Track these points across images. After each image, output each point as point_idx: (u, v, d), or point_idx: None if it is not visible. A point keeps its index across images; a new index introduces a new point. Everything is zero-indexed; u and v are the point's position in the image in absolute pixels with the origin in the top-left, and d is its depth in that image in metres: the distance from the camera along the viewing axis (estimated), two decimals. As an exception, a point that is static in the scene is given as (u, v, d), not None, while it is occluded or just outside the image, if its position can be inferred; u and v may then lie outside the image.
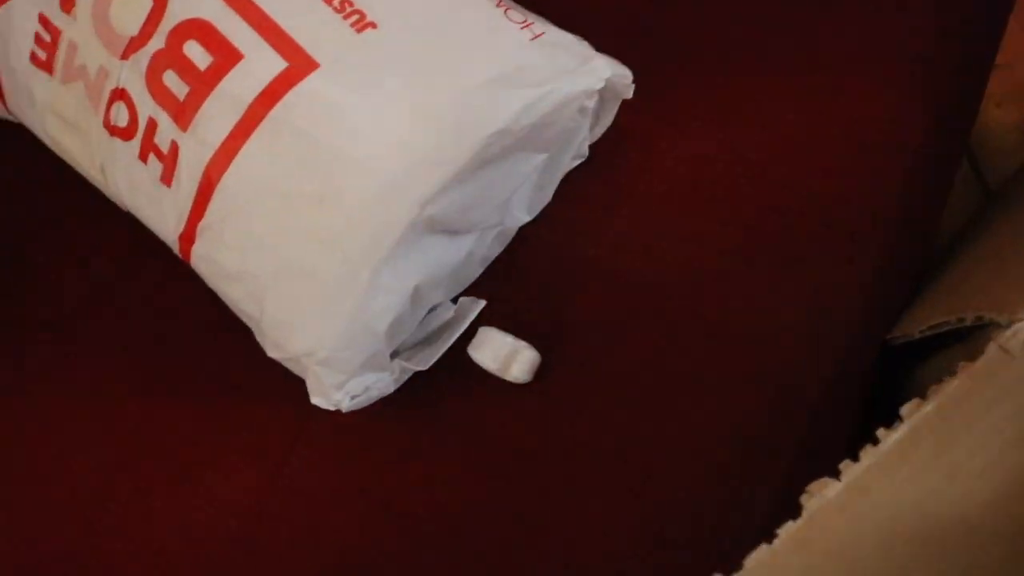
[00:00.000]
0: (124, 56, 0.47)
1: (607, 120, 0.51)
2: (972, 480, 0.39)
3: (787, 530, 0.39)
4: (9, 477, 0.57)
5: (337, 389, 0.47)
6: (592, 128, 0.51)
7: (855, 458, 0.39)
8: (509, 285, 0.52)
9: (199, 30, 0.45)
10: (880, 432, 0.39)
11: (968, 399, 0.39)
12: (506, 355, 0.49)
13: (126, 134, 0.48)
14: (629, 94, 0.48)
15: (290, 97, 0.44)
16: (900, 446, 0.39)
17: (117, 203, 0.53)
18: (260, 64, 0.45)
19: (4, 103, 0.54)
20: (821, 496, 0.39)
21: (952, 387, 0.39)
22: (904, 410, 0.39)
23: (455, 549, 0.49)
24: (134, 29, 0.47)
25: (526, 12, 0.48)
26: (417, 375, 0.50)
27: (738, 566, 0.38)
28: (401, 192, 0.44)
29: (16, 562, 0.55)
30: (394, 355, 0.50)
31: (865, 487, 0.39)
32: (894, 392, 0.53)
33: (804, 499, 0.39)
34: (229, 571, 0.52)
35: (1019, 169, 0.69)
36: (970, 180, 0.70)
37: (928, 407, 0.39)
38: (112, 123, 0.48)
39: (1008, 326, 0.40)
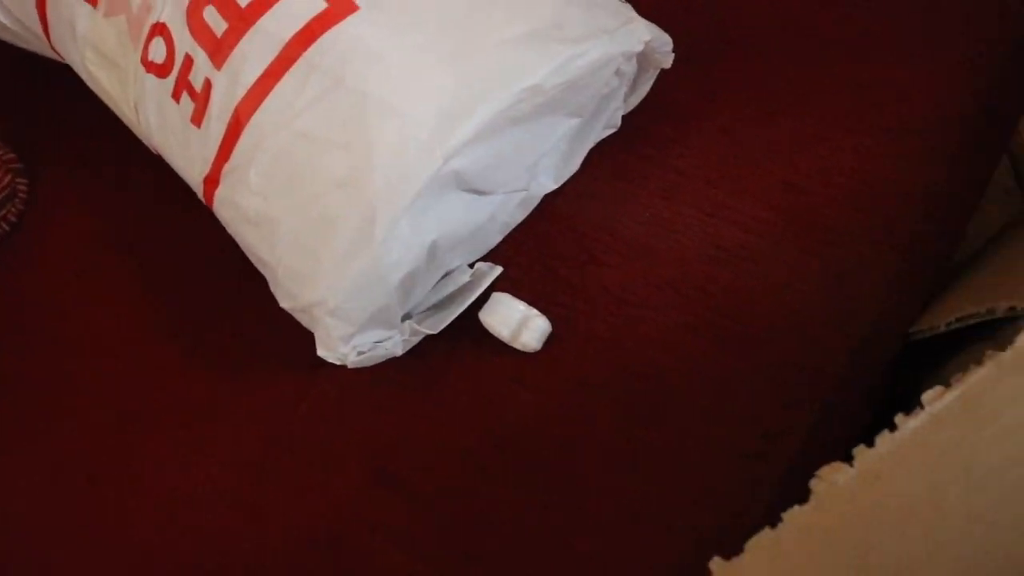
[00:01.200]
0: (167, -12, 0.47)
1: (643, 91, 0.50)
2: (990, 474, 0.38)
3: (792, 514, 0.37)
4: (23, 413, 0.57)
5: (344, 342, 0.47)
6: (627, 98, 0.50)
7: (870, 444, 0.38)
8: (527, 253, 0.51)
9: (243, -34, 0.45)
10: (898, 418, 0.38)
11: (994, 389, 0.37)
12: (517, 322, 0.49)
13: (162, 71, 0.48)
14: (668, 63, 0.48)
15: (326, 38, 0.44)
16: (918, 434, 0.37)
17: (147, 143, 0.53)
18: (300, 3, 0.45)
19: (48, 38, 0.55)
20: (831, 481, 0.37)
21: (978, 376, 0.37)
22: (926, 397, 0.38)
23: (449, 519, 0.48)
24: (179, -38, 0.47)
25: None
26: (427, 338, 0.49)
27: (739, 549, 0.37)
28: (426, 142, 0.43)
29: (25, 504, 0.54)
30: (406, 317, 0.49)
31: (878, 474, 0.37)
32: (919, 390, 0.51)
33: (813, 483, 0.38)
34: (225, 525, 0.52)
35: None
36: (1012, 191, 0.68)
37: (951, 396, 0.37)
38: (149, 59, 0.49)
39: (1042, 317, 0.39)
